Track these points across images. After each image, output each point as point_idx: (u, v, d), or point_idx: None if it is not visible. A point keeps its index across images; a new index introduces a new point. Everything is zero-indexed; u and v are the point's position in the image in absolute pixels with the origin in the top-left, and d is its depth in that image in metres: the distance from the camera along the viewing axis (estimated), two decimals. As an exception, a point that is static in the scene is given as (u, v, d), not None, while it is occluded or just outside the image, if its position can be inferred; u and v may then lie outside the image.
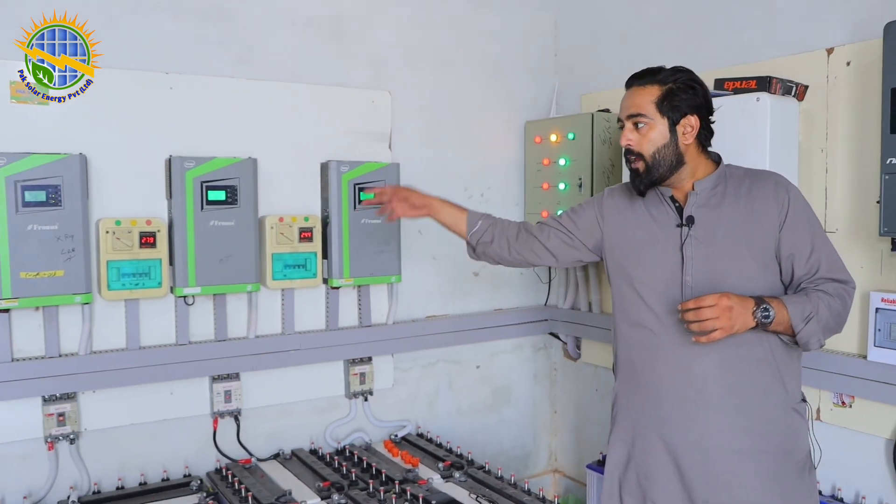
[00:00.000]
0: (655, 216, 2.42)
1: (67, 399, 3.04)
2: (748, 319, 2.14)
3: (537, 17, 4.23)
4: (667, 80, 2.31)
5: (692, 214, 2.33)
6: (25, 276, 2.83)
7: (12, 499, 2.98)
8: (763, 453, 2.28)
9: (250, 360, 3.37)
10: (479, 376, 4.16)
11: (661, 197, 2.41)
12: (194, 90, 3.27)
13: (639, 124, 2.32)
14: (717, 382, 2.28)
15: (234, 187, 3.20)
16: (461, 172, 4.00)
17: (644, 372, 2.42)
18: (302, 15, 3.52)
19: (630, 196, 2.52)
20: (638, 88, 2.35)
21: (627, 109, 2.35)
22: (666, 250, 2.36)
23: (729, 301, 2.10)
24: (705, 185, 2.34)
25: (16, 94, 2.91)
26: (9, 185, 2.78)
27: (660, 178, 2.34)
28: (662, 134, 2.30)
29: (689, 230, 2.32)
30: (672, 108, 2.29)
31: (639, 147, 2.32)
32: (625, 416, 2.51)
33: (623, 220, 2.51)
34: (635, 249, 2.45)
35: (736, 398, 2.28)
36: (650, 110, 2.30)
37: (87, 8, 3.04)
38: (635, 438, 2.45)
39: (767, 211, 2.28)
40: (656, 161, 2.31)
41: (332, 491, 3.01)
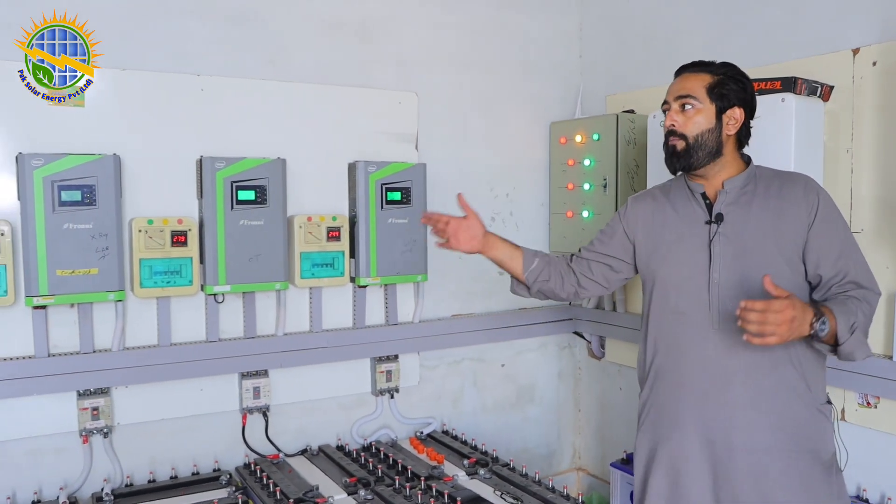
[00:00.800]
0: (683, 214, 2.44)
1: (101, 394, 3.11)
2: (804, 329, 2.09)
3: (562, 18, 4.25)
4: (718, 70, 2.36)
5: (721, 212, 2.34)
6: (61, 274, 2.90)
7: (49, 490, 3.06)
8: (790, 452, 2.28)
9: (279, 358, 3.42)
10: (503, 374, 4.19)
11: (690, 194, 2.43)
12: (224, 92, 3.32)
13: (686, 106, 2.34)
14: (742, 381, 2.29)
15: (264, 187, 3.25)
16: (487, 172, 4.04)
17: (671, 371, 2.44)
18: (329, 17, 3.57)
19: (655, 198, 2.54)
20: (690, 74, 2.38)
21: (676, 92, 2.37)
22: (694, 248, 2.38)
23: (794, 311, 2.04)
24: (735, 184, 2.36)
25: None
26: (46, 185, 2.84)
27: (696, 163, 2.35)
28: (709, 119, 2.33)
29: (718, 227, 2.33)
30: (721, 97, 2.33)
31: (683, 128, 2.34)
32: (652, 416, 2.51)
33: (650, 223, 2.53)
34: (662, 249, 2.47)
35: (761, 397, 2.29)
36: (700, 94, 2.33)
37: (115, 11, 3.12)
38: (662, 437, 2.45)
39: (797, 212, 2.28)
40: (698, 144, 2.33)
41: (358, 487, 3.05)
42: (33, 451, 3.05)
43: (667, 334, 2.45)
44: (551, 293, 2.68)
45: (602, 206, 3.78)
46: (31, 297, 2.87)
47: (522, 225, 4.16)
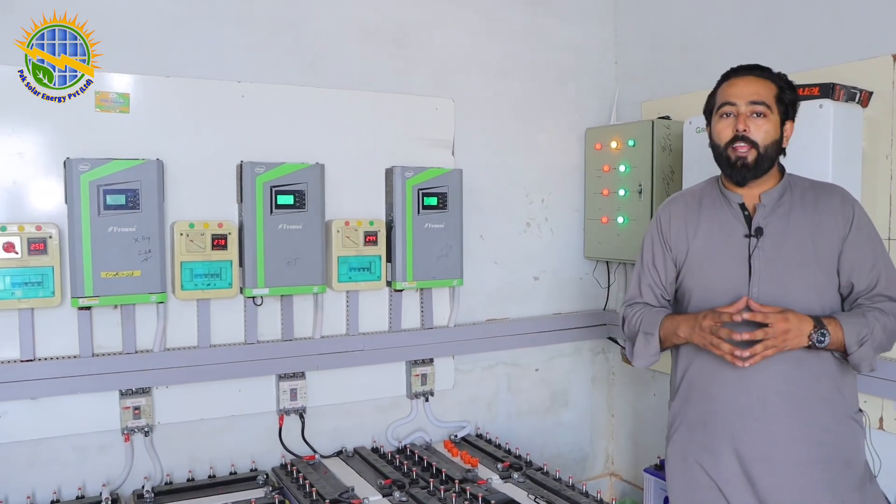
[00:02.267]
0: (720, 225, 2.39)
1: (143, 393, 3.17)
2: (802, 340, 2.15)
3: (598, 25, 4.26)
4: (780, 81, 2.32)
5: (761, 225, 2.30)
6: (106, 276, 2.96)
7: (92, 486, 3.13)
8: (828, 463, 2.27)
9: (315, 360, 3.46)
10: (537, 379, 4.20)
11: (727, 203, 2.38)
12: (264, 98, 3.37)
13: (759, 113, 2.26)
14: (778, 393, 2.27)
15: (302, 192, 3.29)
16: (522, 178, 4.05)
17: (705, 385, 2.40)
18: (368, 24, 3.61)
19: (687, 205, 2.49)
20: (757, 79, 2.30)
21: (749, 95, 2.27)
22: (732, 261, 2.33)
23: (787, 325, 2.12)
24: (772, 196, 2.32)
25: (100, 103, 3.05)
26: (92, 190, 2.91)
27: (760, 174, 2.29)
28: (776, 129, 2.27)
29: (758, 242, 2.29)
30: (785, 108, 2.29)
31: (754, 135, 2.25)
32: (683, 430, 2.48)
33: (685, 233, 2.47)
34: (697, 260, 2.43)
35: (798, 409, 2.27)
36: (771, 102, 2.27)
37: (162, 19, 3.19)
38: (697, 453, 2.42)
39: (834, 224, 2.27)
40: (767, 154, 2.26)
41: (393, 489, 3.08)
42: (78, 447, 3.13)
43: (701, 350, 2.38)
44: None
45: (637, 213, 3.78)
46: (77, 299, 2.94)
47: (557, 230, 4.17)
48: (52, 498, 3.05)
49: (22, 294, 2.89)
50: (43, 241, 2.90)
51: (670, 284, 2.54)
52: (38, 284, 2.90)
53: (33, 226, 2.90)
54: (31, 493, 3.04)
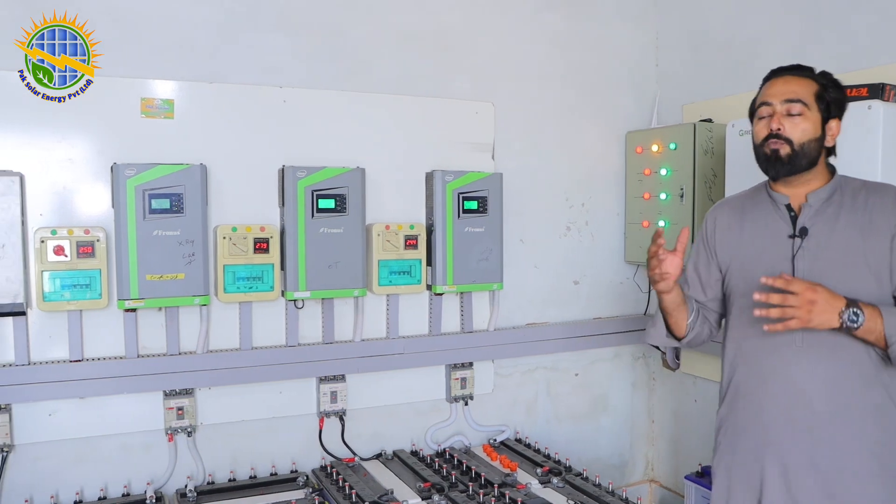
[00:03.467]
0: (765, 227, 2.36)
1: (186, 394, 3.22)
2: (831, 318, 2.08)
3: (638, 28, 4.23)
4: (822, 79, 2.29)
5: (806, 226, 2.27)
6: (150, 279, 3.02)
7: (137, 484, 3.19)
8: (876, 477, 2.19)
9: (356, 363, 3.49)
10: (577, 384, 4.18)
11: (773, 205, 2.36)
12: (306, 103, 3.41)
13: (793, 111, 2.24)
14: (825, 401, 2.21)
15: (343, 196, 3.32)
16: (563, 182, 4.04)
17: (751, 390, 2.35)
18: (408, 29, 3.63)
19: (733, 209, 2.48)
20: (794, 77, 2.29)
21: (784, 94, 2.26)
22: (776, 262, 2.30)
23: (814, 295, 2.07)
24: (820, 196, 2.28)
25: (145, 109, 3.11)
26: (138, 194, 2.97)
27: (796, 170, 2.26)
28: (815, 127, 2.24)
29: (802, 242, 2.26)
30: (827, 106, 2.25)
31: (789, 133, 2.23)
32: (730, 436, 2.44)
33: (733, 238, 2.46)
34: (742, 262, 2.41)
35: (845, 418, 2.20)
36: (809, 100, 2.24)
37: (206, 27, 3.24)
38: (743, 460, 2.38)
39: (885, 223, 2.21)
40: (803, 151, 2.23)
41: (432, 492, 3.09)
42: (124, 446, 3.19)
43: (747, 352, 2.37)
44: (698, 340, 2.58)
45: (679, 216, 3.75)
46: (123, 301, 3.00)
47: (598, 235, 4.15)
48: (99, 494, 3.12)
49: (71, 296, 2.95)
50: (91, 244, 2.97)
51: (710, 288, 2.54)
52: (86, 286, 2.97)
53: (82, 229, 2.97)
54: (80, 490, 3.11)
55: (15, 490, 3.02)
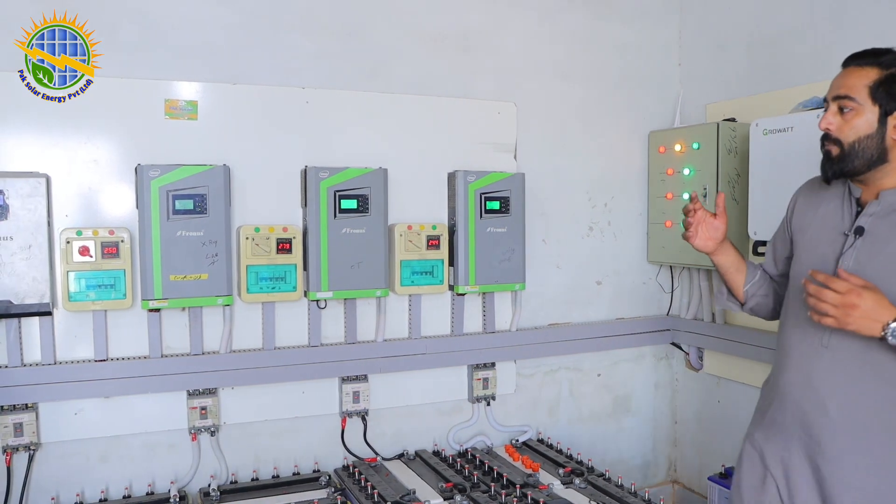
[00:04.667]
0: (832, 216, 2.25)
1: (209, 394, 3.24)
2: (873, 327, 1.97)
3: (661, 27, 4.21)
4: (891, 64, 2.09)
5: (863, 225, 2.14)
6: (174, 279, 3.04)
7: (161, 483, 3.21)
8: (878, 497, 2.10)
9: (378, 363, 3.49)
10: (599, 384, 4.17)
11: (849, 195, 2.23)
12: (328, 104, 3.42)
13: (844, 108, 2.12)
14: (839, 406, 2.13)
15: (366, 196, 3.32)
16: (585, 182, 4.03)
17: (782, 384, 2.30)
18: (430, 29, 3.63)
19: (817, 194, 2.35)
20: (854, 69, 2.14)
21: (835, 90, 2.15)
22: (825, 256, 2.21)
23: (858, 300, 1.95)
24: (890, 197, 2.13)
25: (169, 110, 3.14)
26: (161, 195, 2.99)
27: (853, 171, 2.14)
28: (870, 122, 2.09)
29: (855, 241, 2.14)
30: (887, 96, 2.08)
31: (838, 132, 2.13)
32: (761, 427, 2.39)
33: (805, 220, 2.36)
34: (804, 249, 2.32)
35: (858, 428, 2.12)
36: (861, 94, 2.09)
37: (229, 29, 3.26)
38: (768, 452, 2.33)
39: None
40: (854, 150, 2.11)
41: (454, 492, 3.09)
42: (148, 445, 3.22)
43: (784, 344, 2.32)
44: (762, 310, 2.55)
45: (702, 217, 3.72)
46: (147, 301, 3.03)
47: (620, 235, 4.13)
48: (123, 493, 3.15)
49: (95, 296, 2.98)
50: (115, 245, 2.99)
51: (781, 263, 2.50)
52: (110, 287, 3.00)
53: (106, 230, 3.00)
54: (105, 488, 3.14)
55: (42, 487, 3.06)
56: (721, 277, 2.57)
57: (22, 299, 2.87)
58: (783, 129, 3.19)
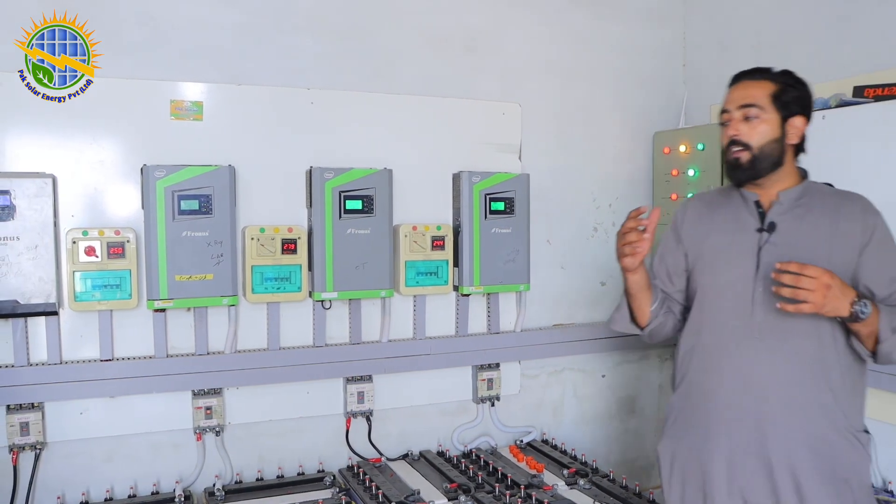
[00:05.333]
0: (733, 221, 2.39)
1: (214, 394, 3.25)
2: (842, 306, 2.10)
3: (665, 28, 4.21)
4: (780, 78, 2.31)
5: (774, 221, 2.30)
6: (180, 279, 3.05)
7: (166, 483, 3.22)
8: (822, 475, 2.23)
9: (383, 363, 3.50)
10: (604, 385, 4.16)
11: (744, 201, 2.38)
12: (333, 104, 3.43)
13: (750, 116, 2.28)
14: (779, 395, 2.26)
15: (371, 197, 3.33)
16: (589, 183, 4.03)
17: (705, 379, 2.40)
18: (435, 30, 3.64)
19: (706, 204, 2.51)
20: (751, 82, 2.33)
21: (739, 100, 2.31)
22: (741, 255, 2.34)
23: (831, 280, 2.08)
24: (790, 196, 2.32)
25: (175, 111, 3.15)
26: (167, 195, 3.00)
27: (759, 173, 2.29)
28: (773, 128, 2.27)
29: (770, 237, 2.30)
30: (784, 105, 2.27)
31: (747, 138, 2.28)
32: (680, 424, 2.49)
33: (701, 230, 2.49)
34: (710, 255, 2.44)
35: (795, 414, 2.25)
36: (764, 102, 2.27)
37: (234, 30, 3.27)
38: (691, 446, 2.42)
39: (852, 232, 2.25)
40: (762, 154, 2.27)
41: (458, 492, 3.09)
42: (153, 445, 3.23)
43: (705, 344, 2.41)
44: (661, 330, 2.56)
45: (707, 218, 3.72)
46: (153, 301, 3.04)
47: (625, 235, 4.12)
48: (128, 492, 3.15)
49: (101, 296, 2.99)
50: (121, 245, 3.00)
51: (677, 278, 2.55)
52: (116, 287, 3.01)
53: (112, 230, 3.01)
54: (110, 487, 3.14)
55: (47, 486, 3.07)
56: (628, 297, 2.53)
57: (28, 299, 2.88)
58: (788, 129, 3.19)
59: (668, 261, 2.57)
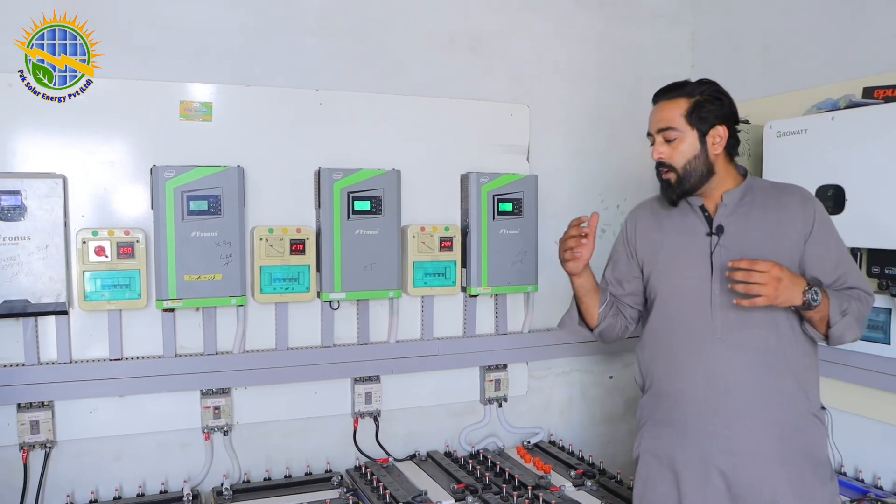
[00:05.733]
0: (683, 227, 2.47)
1: (222, 394, 3.26)
2: (795, 296, 2.18)
3: (673, 29, 4.20)
4: (693, 92, 2.38)
5: (721, 224, 2.38)
6: (188, 279, 3.06)
7: (174, 482, 3.23)
8: (791, 457, 2.32)
9: (390, 364, 3.50)
10: (611, 386, 4.16)
11: (690, 207, 2.46)
12: (342, 105, 3.44)
13: (669, 138, 2.38)
14: (742, 388, 2.33)
15: (379, 197, 3.33)
16: (598, 184, 4.02)
17: (671, 381, 2.48)
18: (443, 31, 3.65)
19: (655, 211, 2.58)
20: (666, 103, 2.41)
21: (657, 123, 2.41)
22: (695, 259, 2.41)
23: (780, 272, 2.16)
24: (733, 196, 2.40)
25: (184, 112, 3.16)
26: (176, 196, 3.01)
27: (691, 189, 2.40)
28: (693, 146, 2.36)
29: (719, 239, 2.37)
30: (701, 120, 2.35)
31: (670, 159, 2.38)
32: (650, 425, 2.56)
33: (652, 238, 2.57)
34: (663, 262, 2.51)
35: (761, 405, 2.33)
36: (680, 123, 2.36)
37: (243, 31, 3.29)
38: (663, 447, 2.49)
39: (793, 223, 2.34)
40: (688, 172, 2.37)
41: (466, 493, 3.09)
42: (162, 444, 3.24)
43: (666, 347, 2.49)
44: (611, 331, 2.67)
45: (716, 219, 3.71)
46: (162, 301, 3.05)
47: (633, 237, 4.12)
48: (137, 491, 3.17)
49: (111, 296, 3.01)
50: (131, 245, 3.02)
51: (627, 283, 2.64)
52: (125, 287, 3.02)
53: (122, 230, 3.03)
54: (119, 486, 3.15)
55: (57, 485, 3.08)
56: (576, 300, 2.65)
57: (39, 299, 2.90)
58: (797, 131, 3.18)
59: (620, 268, 2.67)
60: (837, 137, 2.97)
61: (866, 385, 3.09)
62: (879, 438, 3.11)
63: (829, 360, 3.11)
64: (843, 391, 3.18)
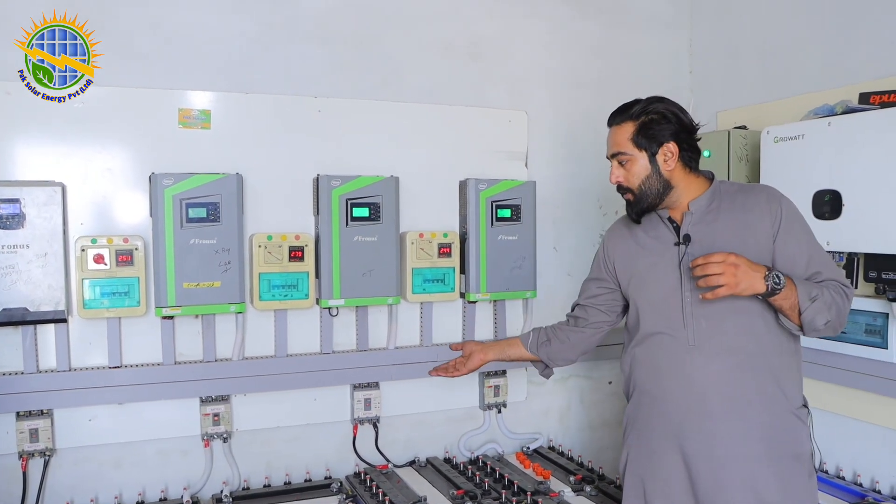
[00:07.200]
0: (655, 239, 2.51)
1: (222, 401, 3.26)
2: (757, 282, 2.19)
3: (671, 35, 4.21)
4: (639, 114, 2.42)
5: (688, 233, 2.41)
6: (188, 287, 3.06)
7: (174, 489, 3.23)
8: (774, 457, 2.34)
9: (390, 370, 3.51)
10: (610, 392, 4.16)
11: (660, 219, 2.50)
12: (341, 112, 3.45)
13: (621, 162, 2.45)
14: (719, 392, 2.35)
15: (378, 204, 3.34)
16: (596, 190, 4.02)
17: (650, 388, 2.51)
18: (441, 38, 3.66)
19: (629, 226, 2.63)
20: (615, 128, 2.48)
21: (610, 148, 2.50)
22: (666, 269, 2.45)
23: (736, 259, 2.17)
24: (700, 204, 2.43)
25: (183, 119, 3.17)
26: (175, 203, 3.02)
27: (650, 206, 2.45)
28: (644, 167, 2.41)
29: (687, 248, 2.40)
30: (649, 140, 2.40)
31: (626, 182, 2.45)
32: (635, 432, 2.59)
33: (626, 251, 2.62)
34: (640, 273, 2.56)
35: (740, 407, 2.34)
36: (628, 147, 2.42)
37: (242, 38, 3.30)
38: (645, 454, 2.53)
39: (761, 223, 2.35)
40: (643, 192, 2.43)
41: (465, 499, 3.09)
42: (161, 451, 3.25)
43: (646, 354, 2.52)
44: (561, 353, 2.85)
45: (714, 224, 3.72)
46: (161, 308, 3.05)
47: (632, 242, 4.12)
48: (137, 499, 3.17)
49: (109, 303, 3.01)
50: (129, 252, 3.02)
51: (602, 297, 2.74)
52: (124, 294, 3.03)
53: (121, 238, 3.03)
54: (119, 493, 3.16)
55: (56, 493, 3.08)
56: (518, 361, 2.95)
57: (37, 306, 2.90)
58: (794, 136, 3.19)
59: (598, 280, 2.75)
60: (834, 143, 2.98)
61: (864, 389, 3.09)
62: (878, 443, 3.12)
63: (828, 365, 3.14)
64: (841, 395, 3.19)
